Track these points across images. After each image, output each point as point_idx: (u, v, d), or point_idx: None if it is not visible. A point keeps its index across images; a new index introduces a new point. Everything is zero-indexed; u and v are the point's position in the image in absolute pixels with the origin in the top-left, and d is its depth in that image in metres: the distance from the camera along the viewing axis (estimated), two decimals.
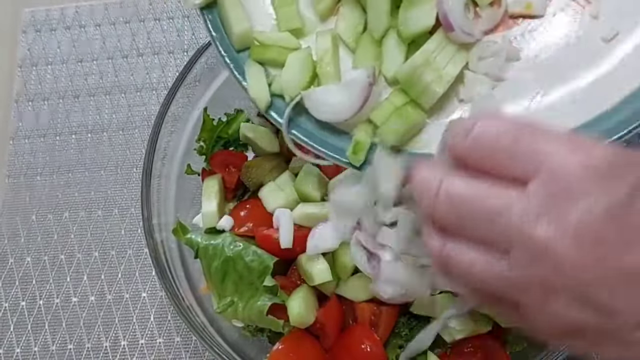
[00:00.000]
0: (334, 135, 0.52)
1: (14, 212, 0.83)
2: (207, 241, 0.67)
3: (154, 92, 0.88)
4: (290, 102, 0.51)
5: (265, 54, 0.53)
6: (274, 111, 0.53)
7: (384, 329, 0.64)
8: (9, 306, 0.78)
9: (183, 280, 0.68)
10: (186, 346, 0.75)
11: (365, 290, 0.64)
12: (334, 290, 0.66)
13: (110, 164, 0.84)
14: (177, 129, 0.73)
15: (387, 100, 0.50)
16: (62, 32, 0.92)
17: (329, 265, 0.64)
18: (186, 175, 0.73)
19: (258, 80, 0.53)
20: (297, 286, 0.66)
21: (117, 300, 0.77)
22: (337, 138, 0.52)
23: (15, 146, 0.86)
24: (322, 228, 0.63)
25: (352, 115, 0.50)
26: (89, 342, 0.76)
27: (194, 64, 0.73)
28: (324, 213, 0.65)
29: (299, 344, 0.64)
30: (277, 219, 0.66)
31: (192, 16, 0.91)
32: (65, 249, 0.80)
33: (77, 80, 0.90)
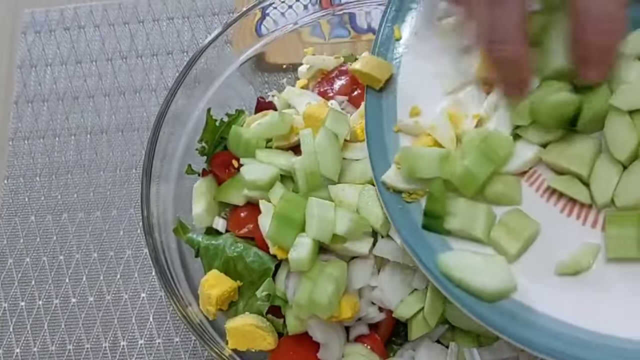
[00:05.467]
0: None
1: (13, 213, 0.83)
2: (208, 241, 0.67)
3: (153, 93, 0.88)
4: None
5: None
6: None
7: (384, 329, 0.64)
8: (8, 306, 0.78)
9: (182, 280, 0.68)
10: (185, 346, 0.75)
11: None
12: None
13: (109, 165, 0.84)
14: (177, 130, 0.73)
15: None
16: (61, 34, 0.92)
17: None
18: (186, 175, 0.73)
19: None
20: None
21: (116, 300, 0.77)
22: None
23: (14, 147, 0.86)
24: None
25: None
26: (88, 342, 0.76)
27: (193, 64, 0.73)
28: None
29: (299, 344, 0.64)
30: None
31: (192, 17, 0.91)
32: (64, 250, 0.80)
33: (76, 82, 0.90)
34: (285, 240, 0.61)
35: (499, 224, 0.53)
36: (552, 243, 0.52)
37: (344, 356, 0.63)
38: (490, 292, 0.50)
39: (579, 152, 0.52)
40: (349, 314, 0.60)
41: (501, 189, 0.54)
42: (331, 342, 0.62)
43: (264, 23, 0.76)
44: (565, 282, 0.50)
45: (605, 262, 0.50)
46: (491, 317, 0.50)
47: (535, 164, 0.55)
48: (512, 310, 0.50)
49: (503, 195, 0.54)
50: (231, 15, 0.90)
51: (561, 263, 0.51)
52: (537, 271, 0.51)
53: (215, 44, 0.74)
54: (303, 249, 0.59)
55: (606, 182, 0.51)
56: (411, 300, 0.60)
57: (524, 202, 0.54)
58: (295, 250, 0.60)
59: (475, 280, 0.51)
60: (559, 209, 0.53)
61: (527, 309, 0.50)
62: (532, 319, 0.49)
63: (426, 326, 0.60)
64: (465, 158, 0.53)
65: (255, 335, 0.63)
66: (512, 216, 0.53)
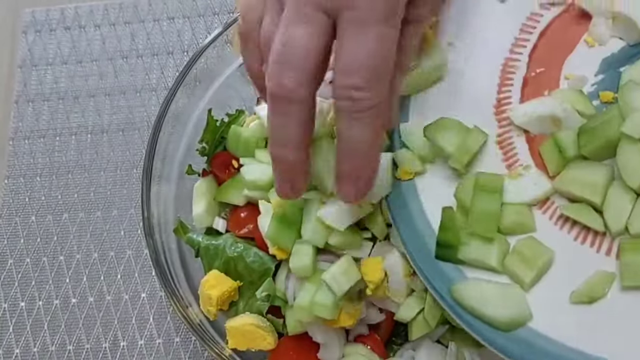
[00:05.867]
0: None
1: (13, 213, 0.83)
2: (209, 241, 0.67)
3: (154, 93, 0.88)
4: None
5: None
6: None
7: (384, 329, 0.64)
8: (8, 307, 0.78)
9: (183, 281, 0.68)
10: (185, 346, 0.75)
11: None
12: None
13: (109, 165, 0.84)
14: (177, 130, 0.73)
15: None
16: (62, 33, 0.92)
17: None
18: (186, 175, 0.73)
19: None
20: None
21: (116, 301, 0.77)
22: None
23: (14, 147, 0.86)
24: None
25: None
26: (89, 342, 0.76)
27: (194, 64, 0.73)
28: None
29: (299, 344, 0.64)
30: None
31: (192, 17, 0.91)
32: (65, 250, 0.80)
33: (77, 81, 0.90)
34: (285, 241, 0.61)
35: (513, 252, 0.53)
36: (567, 271, 0.52)
37: (344, 356, 0.63)
38: (507, 321, 0.50)
39: (591, 179, 0.52)
40: (350, 322, 0.60)
41: (515, 219, 0.54)
42: (331, 343, 0.62)
43: None
44: (581, 310, 0.50)
45: (621, 291, 0.50)
46: (509, 347, 0.50)
47: (551, 194, 0.55)
48: (528, 340, 0.50)
49: (517, 225, 0.54)
50: (231, 15, 0.90)
51: (576, 291, 0.50)
52: (552, 299, 0.51)
53: (215, 44, 0.74)
54: (304, 256, 0.60)
55: (619, 210, 0.51)
56: (411, 302, 0.60)
57: (538, 231, 0.53)
58: (296, 257, 0.60)
59: (491, 309, 0.51)
60: (572, 236, 0.53)
61: (544, 338, 0.50)
62: (549, 348, 0.49)
63: (426, 326, 0.60)
64: (472, 202, 0.54)
65: (255, 335, 0.63)
66: (526, 244, 0.52)
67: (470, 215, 0.53)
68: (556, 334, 0.50)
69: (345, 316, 0.60)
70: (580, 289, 0.50)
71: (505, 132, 0.58)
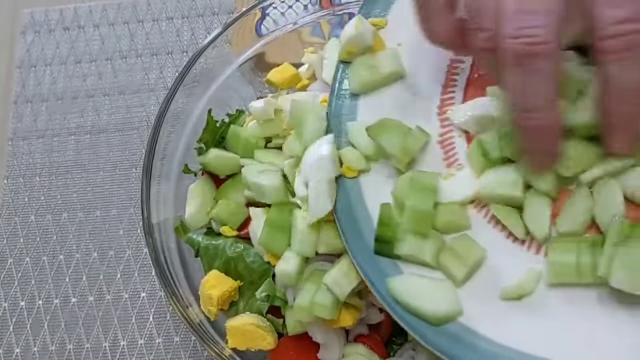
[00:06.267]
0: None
1: (12, 212, 0.83)
2: (208, 241, 0.68)
3: (153, 93, 0.88)
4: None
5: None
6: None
7: (384, 329, 0.64)
8: (8, 306, 0.78)
9: (182, 280, 0.68)
10: (185, 346, 0.75)
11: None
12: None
13: (108, 165, 0.84)
14: (177, 129, 0.73)
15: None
16: (60, 33, 0.93)
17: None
18: (186, 175, 0.73)
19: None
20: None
21: (116, 300, 0.77)
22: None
23: (13, 147, 0.86)
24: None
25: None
26: (88, 342, 0.76)
27: (193, 64, 0.73)
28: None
29: (298, 344, 0.64)
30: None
31: (191, 17, 0.91)
32: (64, 250, 0.80)
33: (76, 82, 0.90)
34: (277, 247, 0.61)
35: (446, 249, 0.54)
36: (498, 268, 0.53)
37: (344, 356, 0.63)
38: (437, 316, 0.51)
39: (511, 178, 0.53)
40: (350, 322, 0.60)
41: (449, 218, 0.55)
42: (331, 343, 0.62)
43: (264, 23, 0.76)
44: (509, 306, 0.51)
45: (547, 288, 0.51)
46: (437, 340, 0.51)
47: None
48: (457, 334, 0.51)
49: (451, 224, 0.55)
50: (231, 15, 0.90)
51: (506, 288, 0.52)
52: (482, 296, 0.52)
53: (215, 44, 0.74)
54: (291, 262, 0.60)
55: (539, 216, 0.52)
56: None
57: (472, 229, 0.55)
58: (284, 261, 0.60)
59: (423, 304, 0.52)
60: (505, 235, 0.54)
61: (472, 333, 0.51)
62: (476, 342, 0.50)
63: None
64: (407, 200, 0.54)
65: (255, 334, 0.63)
66: (460, 241, 0.54)
67: (405, 212, 0.54)
68: (485, 329, 0.51)
69: (346, 316, 0.60)
70: (510, 286, 0.52)
71: (446, 132, 0.59)
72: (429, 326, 0.51)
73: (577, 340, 0.49)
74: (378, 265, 0.55)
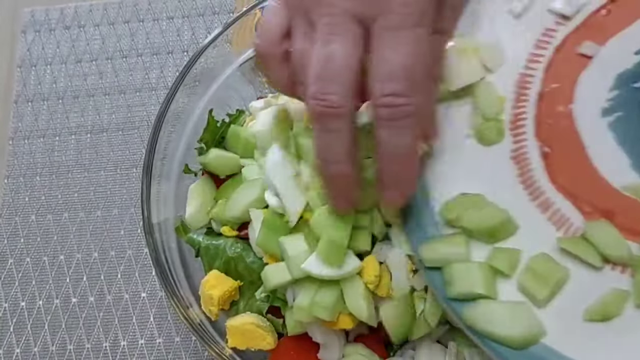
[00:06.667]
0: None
1: (13, 212, 0.83)
2: (209, 241, 0.67)
3: (153, 92, 0.88)
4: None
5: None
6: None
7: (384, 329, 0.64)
8: (9, 306, 0.78)
9: (183, 280, 0.68)
10: (186, 346, 0.75)
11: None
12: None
13: (109, 164, 0.84)
14: (177, 129, 0.73)
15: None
16: (61, 32, 0.92)
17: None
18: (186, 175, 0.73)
19: None
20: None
21: (116, 300, 0.77)
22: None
23: (14, 147, 0.86)
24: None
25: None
26: (89, 342, 0.76)
27: (194, 63, 0.73)
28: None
29: (298, 344, 0.64)
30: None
31: (192, 16, 0.91)
32: (65, 250, 0.80)
33: (76, 81, 0.90)
34: (275, 247, 0.61)
35: (526, 270, 0.52)
36: (581, 288, 0.51)
37: (344, 356, 0.63)
38: (518, 339, 0.50)
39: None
40: (350, 324, 0.60)
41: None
42: (331, 343, 0.62)
43: None
44: (594, 328, 0.50)
45: (635, 309, 0.50)
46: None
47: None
48: (541, 356, 0.50)
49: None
50: (231, 15, 0.90)
51: (590, 308, 0.50)
52: (565, 316, 0.51)
53: (215, 44, 0.74)
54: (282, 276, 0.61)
55: (609, 239, 0.51)
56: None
57: (549, 246, 0.53)
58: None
59: (502, 329, 0.51)
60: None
61: (557, 354, 0.50)
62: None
63: (426, 326, 0.60)
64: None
65: (255, 334, 0.63)
66: (540, 261, 0.52)
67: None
68: (569, 351, 0.50)
69: (345, 318, 0.60)
70: (594, 307, 0.50)
71: (520, 147, 0.58)
72: (512, 350, 0.50)
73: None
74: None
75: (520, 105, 0.59)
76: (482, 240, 0.55)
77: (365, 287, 0.59)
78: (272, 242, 0.61)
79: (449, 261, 0.54)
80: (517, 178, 0.57)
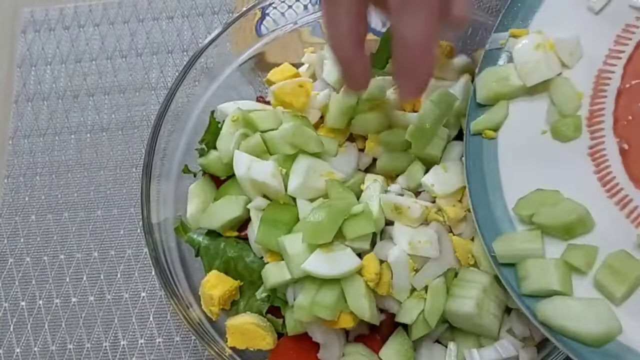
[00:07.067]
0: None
1: (13, 212, 0.83)
2: (209, 241, 0.68)
3: (153, 92, 0.88)
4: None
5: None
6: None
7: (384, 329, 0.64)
8: (9, 306, 0.78)
9: (182, 280, 0.68)
10: (185, 346, 0.75)
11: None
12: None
13: (109, 164, 0.84)
14: (177, 129, 0.73)
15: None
16: (60, 32, 0.92)
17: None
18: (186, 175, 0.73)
19: None
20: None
21: (116, 300, 0.77)
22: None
23: (14, 146, 0.86)
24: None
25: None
26: (89, 342, 0.76)
27: (194, 63, 0.73)
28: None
29: (298, 344, 0.64)
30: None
31: (192, 16, 0.91)
32: (65, 249, 0.80)
33: (76, 80, 0.90)
34: (275, 243, 0.61)
35: (603, 266, 0.52)
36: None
37: (344, 356, 0.63)
38: (594, 336, 0.50)
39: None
40: (350, 323, 0.60)
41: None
42: (331, 343, 0.63)
43: (264, 23, 0.76)
44: None
45: None
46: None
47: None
48: (616, 353, 0.49)
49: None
50: (231, 14, 0.90)
51: None
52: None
53: (215, 44, 0.74)
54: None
55: None
56: (410, 305, 0.60)
57: (629, 244, 0.53)
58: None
59: (578, 325, 0.50)
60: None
61: (633, 352, 0.49)
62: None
63: (426, 326, 0.60)
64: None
65: (255, 334, 0.63)
66: (618, 258, 0.52)
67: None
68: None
69: (346, 317, 0.60)
70: None
71: (597, 144, 0.58)
72: (587, 347, 0.50)
73: None
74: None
75: (598, 102, 0.59)
76: (558, 237, 0.54)
77: (366, 285, 0.59)
78: (272, 239, 0.61)
79: (523, 257, 0.54)
80: (594, 175, 0.56)
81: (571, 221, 0.54)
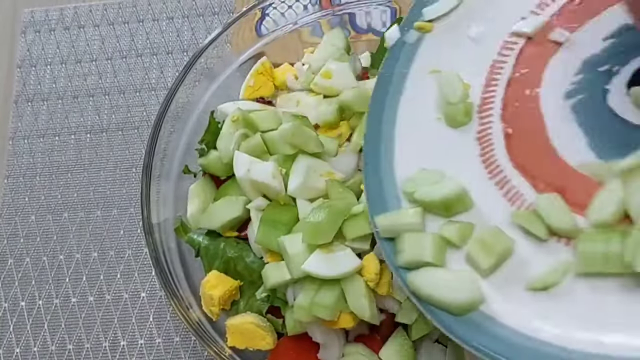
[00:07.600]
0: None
1: (13, 212, 0.83)
2: (209, 241, 0.68)
3: (153, 92, 0.88)
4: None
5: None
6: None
7: (384, 329, 0.64)
8: (9, 306, 0.78)
9: (182, 280, 0.68)
10: (185, 346, 0.75)
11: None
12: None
13: (109, 164, 0.84)
14: (177, 129, 0.73)
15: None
16: (61, 33, 0.93)
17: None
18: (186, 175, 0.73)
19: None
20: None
21: (116, 300, 0.77)
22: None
23: (14, 147, 0.86)
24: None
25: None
26: (88, 342, 0.76)
27: (194, 64, 0.73)
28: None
29: (298, 344, 0.64)
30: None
31: (192, 16, 0.91)
32: (65, 250, 0.80)
33: (76, 81, 0.90)
34: (275, 243, 0.61)
35: (475, 241, 0.53)
36: (526, 260, 0.53)
37: (344, 356, 0.63)
38: (458, 306, 0.51)
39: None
40: (350, 323, 0.60)
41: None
42: (331, 343, 0.62)
43: (264, 23, 0.76)
44: (535, 296, 0.51)
45: (574, 277, 0.51)
46: (457, 328, 0.51)
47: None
48: (478, 322, 0.51)
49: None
50: (231, 15, 0.90)
51: (532, 278, 0.51)
52: (508, 285, 0.52)
53: (215, 44, 0.74)
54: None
55: (558, 213, 0.52)
56: (410, 305, 0.60)
57: (502, 221, 0.54)
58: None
59: (443, 295, 0.52)
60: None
61: (493, 321, 0.51)
62: (498, 331, 0.50)
63: (426, 326, 0.60)
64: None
65: (255, 334, 0.63)
66: (489, 232, 0.53)
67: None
68: (507, 318, 0.51)
69: (346, 317, 0.60)
70: (536, 276, 0.51)
71: (485, 129, 0.59)
72: (450, 315, 0.51)
73: (594, 329, 0.49)
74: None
75: (490, 90, 0.60)
76: (439, 214, 0.56)
77: (366, 285, 0.59)
78: (272, 239, 0.61)
79: (403, 232, 0.55)
80: (479, 157, 0.58)
81: (449, 198, 0.55)
